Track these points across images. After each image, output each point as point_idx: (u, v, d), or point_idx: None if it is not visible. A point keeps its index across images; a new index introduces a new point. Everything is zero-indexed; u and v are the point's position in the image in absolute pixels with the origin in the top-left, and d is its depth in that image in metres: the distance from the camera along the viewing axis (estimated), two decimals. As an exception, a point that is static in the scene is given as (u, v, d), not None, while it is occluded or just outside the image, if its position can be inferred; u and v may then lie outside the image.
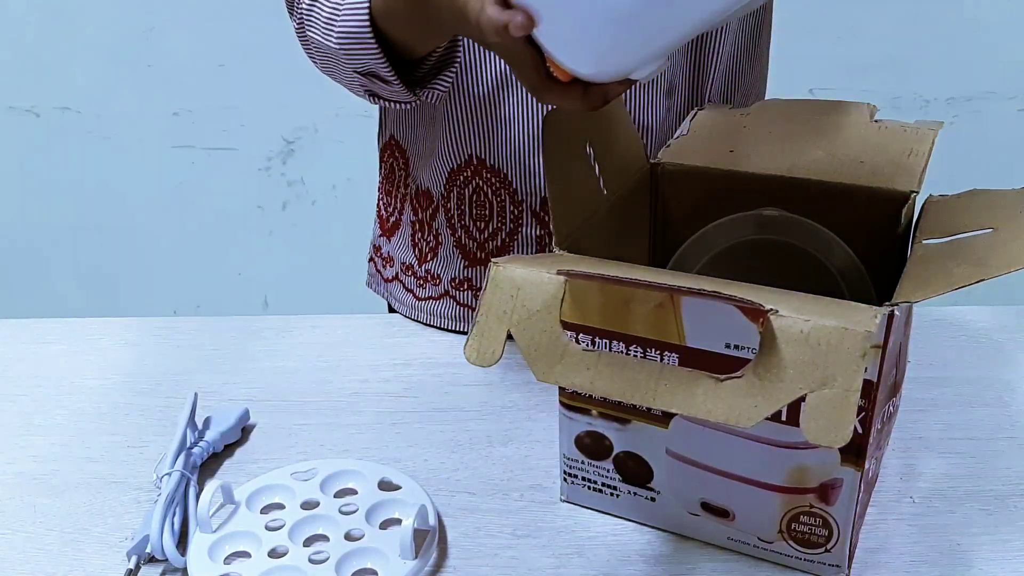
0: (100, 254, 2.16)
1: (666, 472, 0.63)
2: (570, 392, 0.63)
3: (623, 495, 0.66)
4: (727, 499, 0.62)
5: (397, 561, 0.61)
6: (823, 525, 0.60)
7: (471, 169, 0.87)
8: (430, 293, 0.94)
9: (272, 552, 0.63)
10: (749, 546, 0.63)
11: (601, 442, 0.64)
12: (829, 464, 0.58)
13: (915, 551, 0.63)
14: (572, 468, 0.67)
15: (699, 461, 0.62)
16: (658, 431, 0.62)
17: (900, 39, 1.92)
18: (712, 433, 0.60)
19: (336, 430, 0.77)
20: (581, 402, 0.64)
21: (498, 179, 0.86)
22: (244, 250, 2.14)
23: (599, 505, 0.67)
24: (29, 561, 0.64)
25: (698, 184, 0.73)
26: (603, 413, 0.63)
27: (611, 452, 0.64)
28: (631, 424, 0.63)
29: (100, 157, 2.08)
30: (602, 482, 0.66)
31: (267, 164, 2.09)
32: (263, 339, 0.90)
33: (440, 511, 0.67)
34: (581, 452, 0.65)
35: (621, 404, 0.62)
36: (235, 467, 0.73)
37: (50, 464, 0.73)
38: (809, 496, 0.60)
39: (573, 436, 0.65)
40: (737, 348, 0.55)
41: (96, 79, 2.01)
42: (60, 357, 0.87)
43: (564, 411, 0.65)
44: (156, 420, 0.78)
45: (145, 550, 0.62)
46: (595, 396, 0.62)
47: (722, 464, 0.61)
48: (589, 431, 0.64)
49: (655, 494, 0.64)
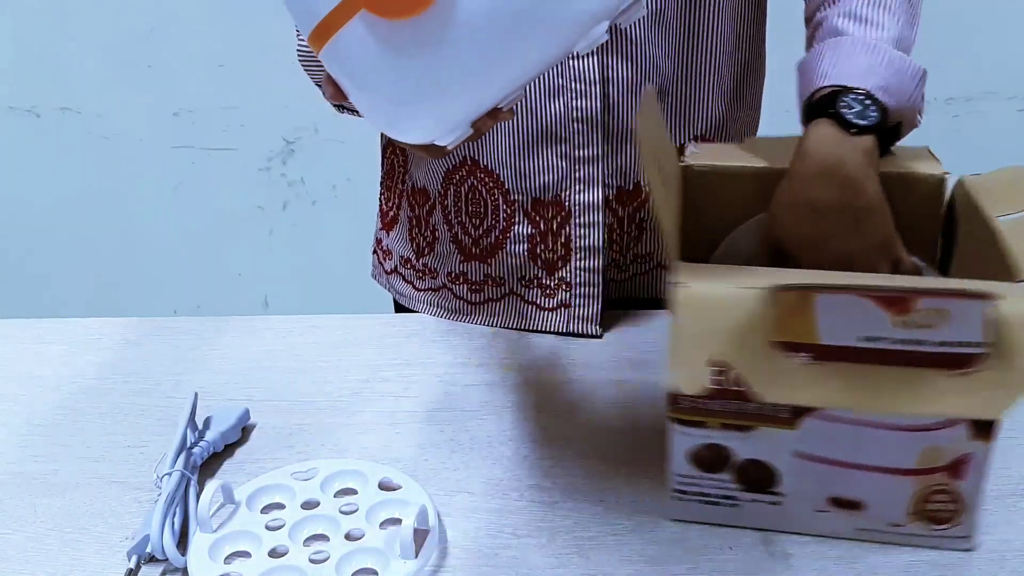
0: (100, 254, 2.16)
1: (792, 473, 0.62)
2: (685, 407, 0.61)
3: (743, 504, 0.64)
4: (857, 490, 0.62)
5: (397, 561, 0.61)
6: (953, 500, 0.61)
7: (466, 169, 0.88)
8: (428, 285, 0.95)
9: (272, 552, 0.63)
10: (878, 533, 0.63)
11: (720, 453, 0.63)
12: (960, 441, 0.59)
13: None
14: (685, 484, 0.65)
15: (829, 457, 0.61)
16: (785, 433, 0.61)
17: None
18: (843, 428, 0.60)
19: (336, 430, 0.77)
20: (698, 415, 0.62)
21: (492, 179, 0.87)
22: (244, 250, 2.14)
23: (714, 518, 0.65)
24: (29, 561, 0.64)
25: (730, 184, 0.73)
26: (724, 424, 0.62)
27: (731, 462, 0.63)
28: (755, 431, 0.61)
29: (100, 157, 2.07)
30: (719, 494, 0.64)
31: (267, 164, 2.09)
32: (263, 339, 0.90)
33: (440, 511, 0.67)
34: (696, 467, 0.64)
35: (744, 412, 0.61)
36: (235, 467, 0.73)
37: (50, 464, 0.73)
38: (939, 475, 0.60)
39: (688, 451, 0.64)
40: (871, 340, 0.55)
41: (97, 79, 2.01)
42: (60, 357, 0.87)
43: (678, 427, 0.63)
44: (156, 420, 0.78)
45: (145, 550, 0.63)
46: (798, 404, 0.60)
47: (853, 457, 0.61)
48: (707, 444, 0.63)
49: (780, 497, 0.63)
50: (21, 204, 2.12)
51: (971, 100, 1.97)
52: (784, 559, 0.63)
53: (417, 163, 0.92)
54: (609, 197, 0.87)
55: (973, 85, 1.96)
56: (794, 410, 0.60)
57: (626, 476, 0.70)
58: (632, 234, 0.90)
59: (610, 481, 0.70)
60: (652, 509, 0.68)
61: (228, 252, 2.14)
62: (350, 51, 0.54)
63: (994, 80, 1.96)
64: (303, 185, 2.12)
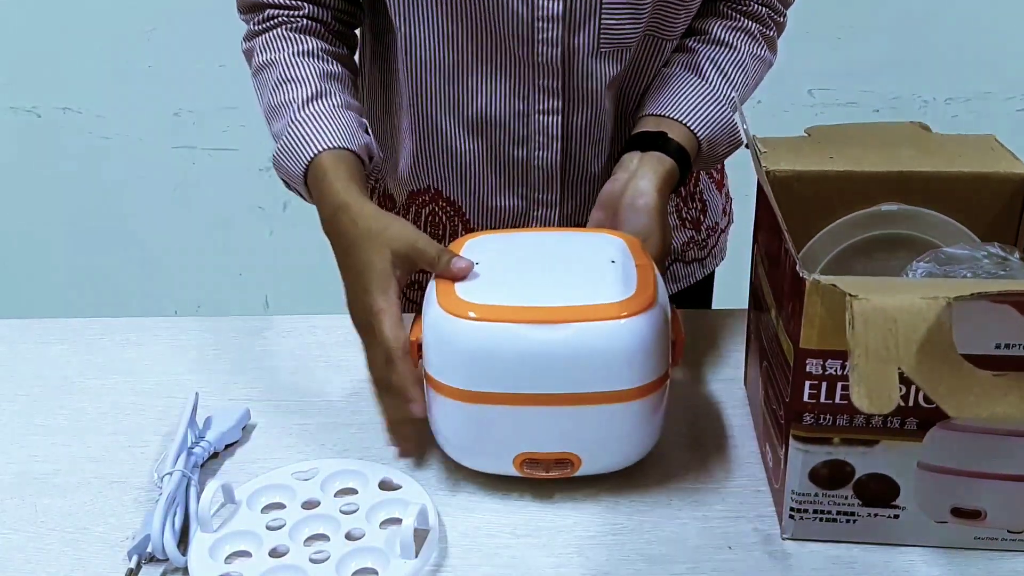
0: (101, 254, 2.16)
1: (915, 486, 0.62)
2: (809, 424, 0.61)
3: (861, 519, 0.63)
4: (979, 500, 0.62)
5: (397, 560, 0.61)
6: None
7: (428, 196, 0.91)
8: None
9: (273, 552, 0.63)
10: (996, 541, 0.63)
11: (841, 469, 0.62)
12: None
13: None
14: (802, 503, 0.64)
15: (953, 468, 0.61)
16: (910, 446, 0.60)
17: (900, 39, 1.92)
18: (968, 437, 0.60)
19: (337, 430, 0.77)
20: (822, 432, 0.61)
21: (453, 208, 0.91)
22: (245, 250, 2.14)
23: (831, 535, 0.64)
24: (30, 561, 0.64)
25: (808, 188, 0.73)
26: (846, 439, 0.61)
27: (852, 478, 0.62)
28: (878, 445, 0.61)
29: (101, 157, 2.07)
30: (838, 510, 0.63)
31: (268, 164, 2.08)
32: (264, 339, 0.90)
33: (440, 511, 0.67)
34: (816, 484, 0.63)
35: (870, 426, 0.60)
36: (236, 467, 0.73)
37: (51, 464, 0.74)
38: None
39: (808, 469, 0.62)
40: (1008, 347, 0.55)
41: (97, 79, 2.01)
42: (61, 357, 0.87)
43: (799, 445, 0.62)
44: (157, 420, 0.78)
45: (146, 550, 0.63)
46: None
47: (977, 466, 0.61)
48: (828, 460, 0.62)
49: (899, 511, 0.63)
50: (22, 204, 2.12)
51: (970, 100, 1.98)
52: (783, 559, 0.63)
53: (387, 169, 0.95)
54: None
55: (972, 85, 1.96)
56: (921, 422, 0.59)
57: (627, 476, 0.70)
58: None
59: (610, 481, 0.70)
60: (652, 509, 0.68)
61: (229, 252, 2.14)
62: None
63: (993, 80, 1.96)
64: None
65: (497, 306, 0.64)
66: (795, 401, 0.60)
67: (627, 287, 0.66)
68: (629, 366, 0.64)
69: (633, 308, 0.64)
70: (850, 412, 0.59)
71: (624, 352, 0.64)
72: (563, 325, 0.63)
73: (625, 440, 0.68)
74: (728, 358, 0.85)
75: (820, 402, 0.60)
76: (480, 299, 0.65)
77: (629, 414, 0.66)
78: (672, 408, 0.71)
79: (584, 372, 0.64)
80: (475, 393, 0.65)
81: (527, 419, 0.65)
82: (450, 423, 0.68)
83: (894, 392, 0.52)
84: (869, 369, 0.52)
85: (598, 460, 0.68)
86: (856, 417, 0.60)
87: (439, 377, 0.66)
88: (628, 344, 0.64)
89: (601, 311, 0.64)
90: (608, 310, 0.64)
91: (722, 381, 0.82)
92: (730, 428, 0.76)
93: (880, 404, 0.52)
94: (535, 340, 0.63)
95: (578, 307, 0.64)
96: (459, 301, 0.65)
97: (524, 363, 0.63)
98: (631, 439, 0.68)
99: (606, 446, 0.67)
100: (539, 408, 0.65)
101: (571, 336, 0.63)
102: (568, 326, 0.63)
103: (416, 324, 0.70)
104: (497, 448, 0.67)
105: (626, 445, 0.68)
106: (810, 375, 0.59)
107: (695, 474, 0.71)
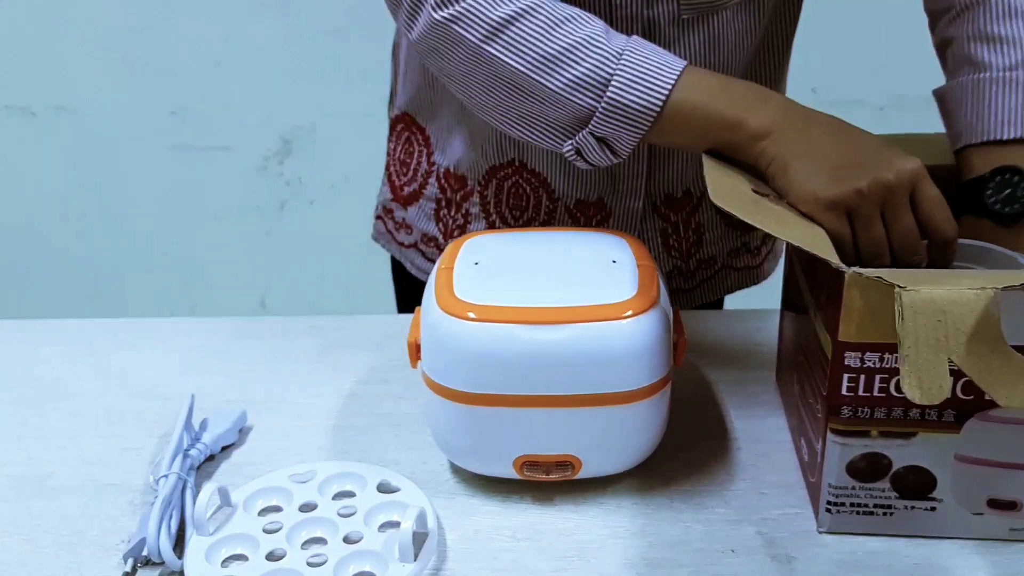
0: (96, 254, 2.15)
1: (952, 478, 0.62)
2: (846, 416, 0.61)
3: (898, 511, 0.64)
4: (1016, 491, 0.62)
5: (396, 564, 0.61)
6: None
7: (512, 168, 0.89)
8: None
9: (270, 555, 0.62)
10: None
11: (879, 462, 0.62)
12: None
13: None
14: (839, 496, 0.64)
15: (990, 459, 0.61)
16: (948, 438, 0.61)
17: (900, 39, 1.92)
18: (1006, 429, 0.60)
19: (334, 432, 0.76)
20: (859, 424, 0.61)
21: (537, 179, 0.88)
22: (241, 251, 2.14)
23: (868, 528, 0.64)
24: (25, 564, 0.64)
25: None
26: (884, 432, 0.61)
27: (889, 470, 0.62)
28: (916, 437, 0.61)
29: (96, 156, 2.07)
30: (875, 503, 0.64)
31: (264, 164, 2.09)
32: (260, 340, 0.89)
33: (439, 514, 0.67)
34: (853, 477, 0.63)
35: (908, 418, 0.60)
36: (232, 469, 0.72)
37: (46, 466, 0.73)
38: None
39: (845, 462, 0.62)
40: None
41: (93, 78, 2.01)
42: (56, 358, 0.87)
43: (837, 438, 0.62)
44: (153, 422, 0.78)
45: (142, 553, 0.62)
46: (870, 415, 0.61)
47: (1013, 457, 0.61)
48: (865, 453, 0.62)
49: (936, 503, 0.63)
50: (16, 203, 2.12)
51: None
52: (787, 562, 0.63)
53: (451, 150, 0.92)
54: (657, 203, 0.89)
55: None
56: (959, 414, 0.60)
57: (629, 478, 0.70)
58: (691, 239, 0.91)
59: (612, 483, 0.69)
60: (654, 512, 0.67)
61: (225, 253, 2.14)
62: None
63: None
64: (301, 184, 2.11)
65: (497, 307, 0.64)
66: (833, 394, 0.60)
67: (629, 287, 0.65)
68: (630, 367, 0.64)
69: (635, 309, 0.63)
70: (888, 404, 0.60)
71: (625, 353, 0.63)
72: (563, 326, 0.63)
73: (626, 442, 0.67)
74: (729, 359, 0.85)
75: (858, 395, 0.60)
76: (479, 300, 0.65)
77: (630, 416, 0.65)
78: (674, 410, 0.70)
79: (585, 373, 0.63)
80: (474, 395, 0.64)
81: (527, 421, 0.65)
82: (449, 425, 0.67)
83: (945, 383, 0.52)
84: (920, 360, 0.52)
85: (599, 462, 0.67)
86: (894, 409, 0.60)
87: (438, 379, 0.65)
88: (629, 345, 0.63)
89: (602, 312, 0.63)
90: (609, 311, 0.63)
91: (723, 382, 0.82)
92: (733, 430, 0.76)
93: (932, 395, 0.52)
94: (535, 341, 0.62)
95: (579, 308, 0.63)
96: (458, 302, 0.65)
97: (524, 364, 0.63)
98: (632, 441, 0.67)
99: (607, 448, 0.67)
100: (539, 410, 0.64)
101: (572, 337, 0.62)
102: (568, 327, 0.63)
103: (415, 325, 0.69)
104: (497, 450, 0.67)
105: (627, 447, 0.68)
106: (848, 368, 0.59)
107: (697, 476, 0.71)
